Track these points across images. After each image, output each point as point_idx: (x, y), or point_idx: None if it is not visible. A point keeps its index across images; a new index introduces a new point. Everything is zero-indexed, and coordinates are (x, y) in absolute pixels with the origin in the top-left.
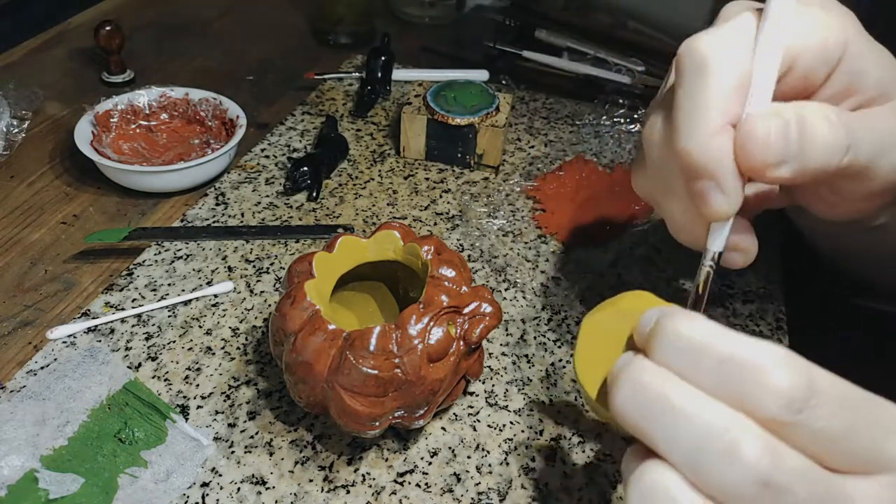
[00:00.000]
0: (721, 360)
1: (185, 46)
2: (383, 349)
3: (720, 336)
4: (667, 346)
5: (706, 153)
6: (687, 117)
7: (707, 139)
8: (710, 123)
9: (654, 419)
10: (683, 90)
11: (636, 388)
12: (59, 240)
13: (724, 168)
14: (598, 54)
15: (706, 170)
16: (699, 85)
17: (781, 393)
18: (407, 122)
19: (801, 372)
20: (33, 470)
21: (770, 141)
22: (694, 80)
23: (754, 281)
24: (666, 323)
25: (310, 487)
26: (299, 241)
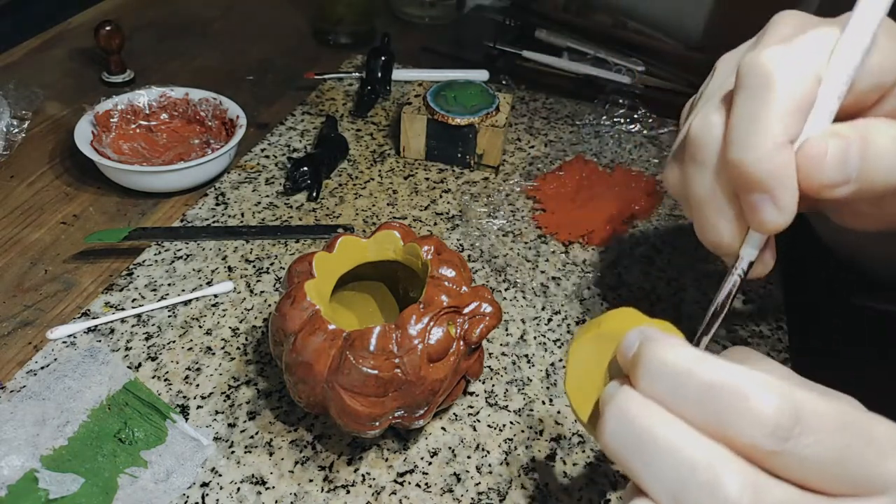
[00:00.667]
0: (704, 387)
1: (185, 46)
2: (383, 349)
3: (702, 362)
4: (650, 374)
5: (766, 168)
6: (748, 129)
7: (768, 154)
8: (772, 139)
9: (638, 454)
10: (745, 101)
11: (621, 421)
12: (59, 240)
13: (783, 184)
14: (598, 54)
15: (764, 184)
16: (762, 100)
17: (765, 421)
18: (407, 122)
19: (785, 397)
20: (33, 470)
21: (833, 162)
22: (757, 93)
23: (754, 281)
24: (648, 350)
25: (310, 487)
26: (299, 241)
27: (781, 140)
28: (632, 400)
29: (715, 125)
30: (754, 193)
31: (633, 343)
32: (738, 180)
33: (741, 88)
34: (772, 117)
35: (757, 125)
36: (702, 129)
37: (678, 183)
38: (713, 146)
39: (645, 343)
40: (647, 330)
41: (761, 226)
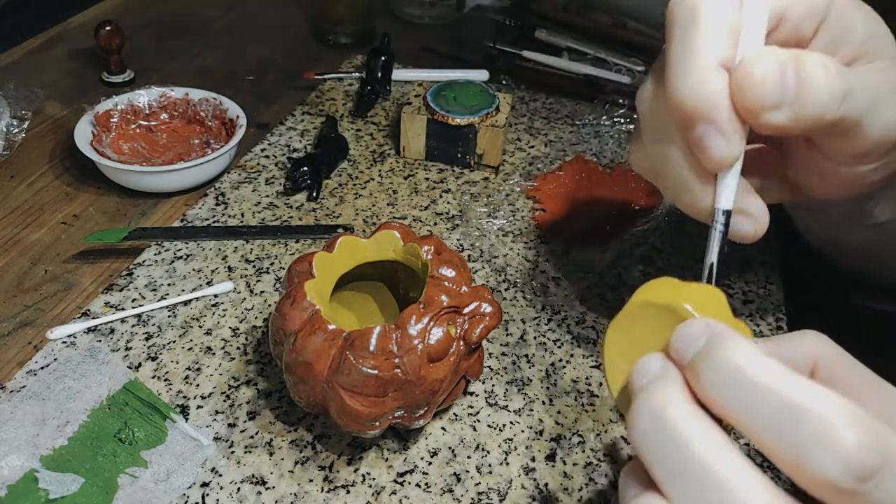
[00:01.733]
0: (784, 406)
1: (185, 46)
2: (383, 349)
3: (785, 378)
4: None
5: (700, 94)
6: (678, 64)
7: (700, 81)
8: (701, 64)
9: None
10: (674, 41)
11: (656, 422)
12: (59, 240)
13: (721, 109)
14: (598, 54)
15: (701, 112)
16: (690, 33)
17: (848, 456)
18: (407, 122)
19: (874, 434)
20: (33, 470)
21: (768, 81)
22: (684, 29)
23: (754, 281)
24: (722, 351)
25: (310, 487)
26: (299, 241)
27: (711, 63)
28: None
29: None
30: (697, 127)
31: (697, 337)
32: (679, 119)
33: (671, 27)
34: (700, 42)
35: (686, 55)
36: (642, 89)
37: (642, 159)
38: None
39: (716, 341)
40: (715, 325)
41: (712, 160)
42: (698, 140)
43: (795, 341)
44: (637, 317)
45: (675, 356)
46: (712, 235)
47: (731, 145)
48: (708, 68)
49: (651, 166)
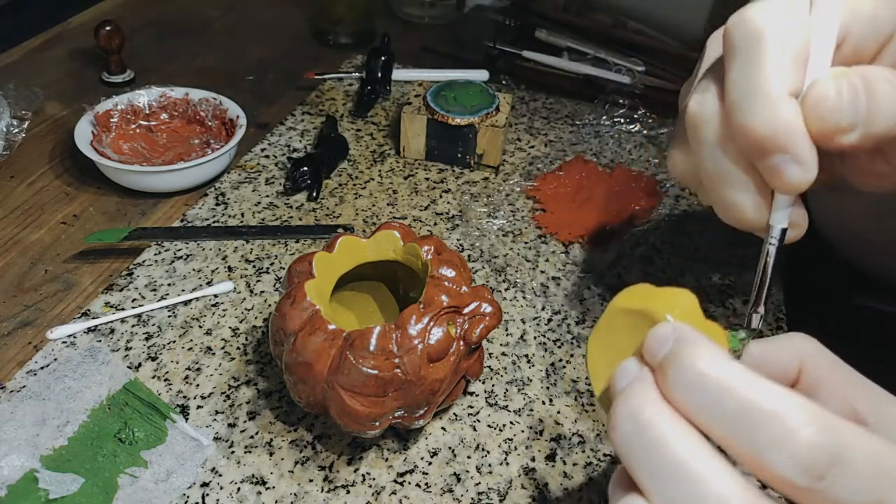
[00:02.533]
0: (742, 406)
1: (185, 46)
2: (383, 349)
3: (744, 380)
4: (683, 383)
5: (774, 125)
6: (748, 92)
7: (773, 111)
8: (773, 94)
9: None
10: (738, 63)
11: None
12: (59, 240)
13: (797, 137)
14: (598, 54)
15: (777, 142)
16: (756, 57)
17: (803, 454)
18: (407, 122)
19: (829, 431)
20: (33, 470)
21: (843, 105)
22: (749, 52)
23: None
24: (685, 355)
25: (310, 487)
26: (299, 241)
27: (783, 92)
28: (649, 403)
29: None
30: (772, 155)
31: (665, 339)
32: (749, 146)
33: (731, 51)
34: (768, 71)
35: (755, 83)
36: (699, 104)
37: (686, 168)
38: (715, 119)
39: (681, 346)
40: (682, 329)
41: (787, 187)
42: (773, 168)
43: (782, 343)
44: (615, 322)
45: (648, 359)
46: (765, 251)
47: (806, 172)
48: (780, 99)
49: (697, 178)
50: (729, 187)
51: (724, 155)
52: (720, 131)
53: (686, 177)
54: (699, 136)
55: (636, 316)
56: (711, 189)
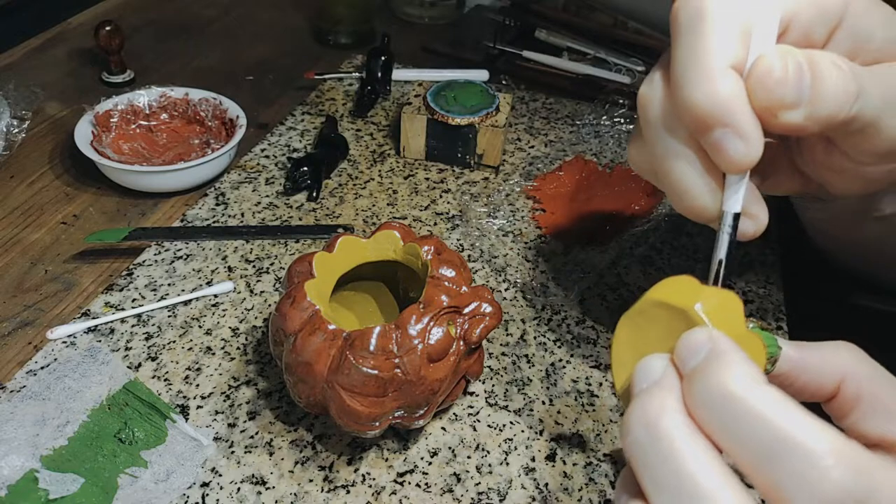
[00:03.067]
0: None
1: (185, 46)
2: (383, 349)
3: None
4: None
5: (716, 98)
6: (689, 66)
7: (714, 84)
8: (713, 66)
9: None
10: (682, 41)
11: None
12: (59, 240)
13: (739, 111)
14: (598, 54)
15: (719, 116)
16: (699, 33)
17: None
18: (407, 122)
19: (860, 474)
20: (33, 470)
21: (788, 78)
22: (692, 29)
23: (754, 281)
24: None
25: (310, 487)
26: (299, 241)
27: (723, 64)
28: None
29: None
30: (714, 130)
31: (697, 349)
32: (693, 123)
33: (676, 31)
34: (709, 44)
35: (696, 57)
36: (647, 87)
37: (641, 158)
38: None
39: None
40: (718, 340)
41: (732, 163)
42: (715, 144)
43: (825, 352)
44: (649, 314)
45: (678, 363)
46: (720, 238)
47: (750, 147)
48: (721, 70)
49: (652, 167)
50: (678, 169)
51: (671, 134)
52: (666, 110)
53: (643, 167)
54: (648, 119)
55: (673, 312)
56: (663, 175)
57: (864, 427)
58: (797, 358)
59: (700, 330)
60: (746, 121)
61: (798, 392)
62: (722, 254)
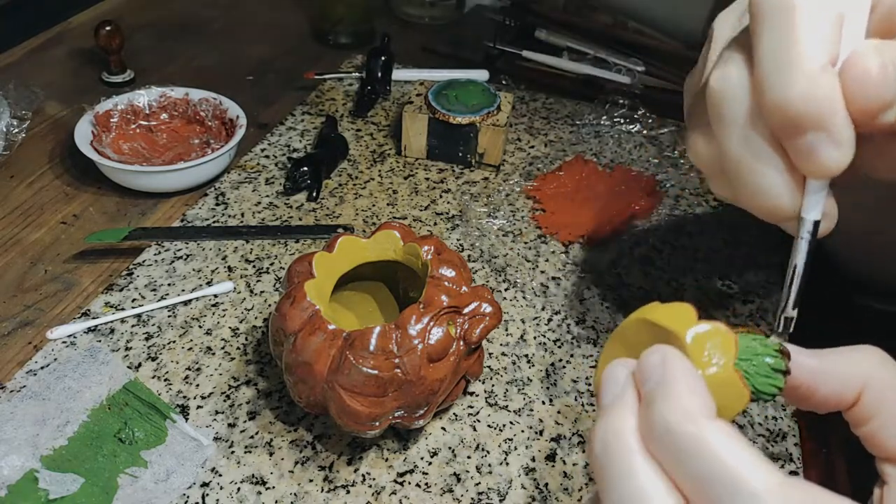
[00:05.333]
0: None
1: (185, 46)
2: (383, 349)
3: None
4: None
5: (811, 99)
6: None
7: (812, 82)
8: (812, 63)
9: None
10: (770, 32)
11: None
12: (59, 240)
13: (836, 115)
14: (598, 54)
15: (815, 119)
16: (790, 23)
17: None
18: (408, 121)
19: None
20: (33, 470)
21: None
22: (783, 18)
23: (755, 281)
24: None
25: (310, 487)
26: (299, 241)
27: (823, 61)
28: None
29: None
30: (806, 133)
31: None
32: (782, 124)
33: (760, 21)
34: (805, 38)
35: (790, 53)
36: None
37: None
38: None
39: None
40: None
41: (822, 169)
42: (806, 149)
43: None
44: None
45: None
46: (798, 246)
47: (843, 153)
48: (818, 68)
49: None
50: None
51: (753, 134)
52: (748, 108)
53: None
54: (723, 115)
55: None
56: (737, 175)
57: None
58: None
59: (655, 351)
60: (843, 125)
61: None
62: (800, 261)
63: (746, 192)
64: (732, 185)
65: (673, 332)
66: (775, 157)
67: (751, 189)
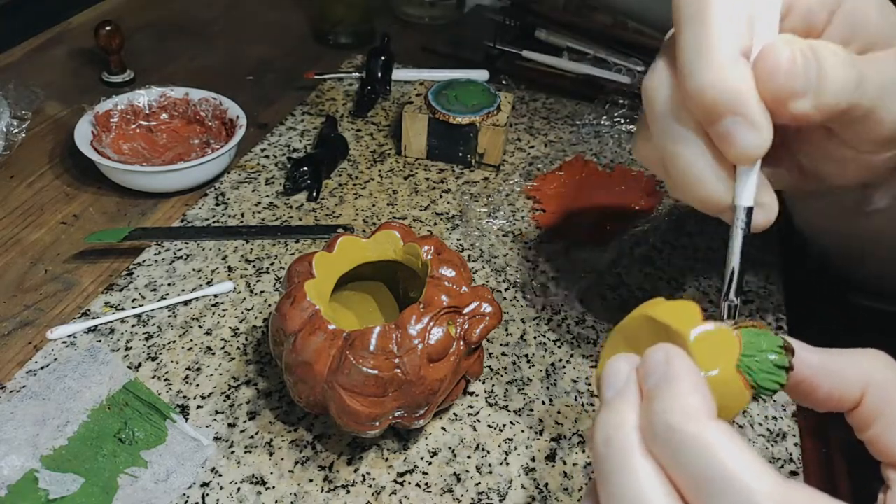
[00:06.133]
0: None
1: (185, 46)
2: (383, 349)
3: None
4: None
5: (726, 84)
6: (697, 53)
7: (723, 71)
8: (721, 53)
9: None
10: (687, 29)
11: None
12: (59, 240)
13: (749, 99)
14: (598, 54)
15: (729, 103)
16: (704, 19)
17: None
18: (408, 121)
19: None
20: (33, 470)
21: (797, 67)
22: (697, 15)
23: (754, 281)
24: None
25: (310, 487)
26: (299, 241)
27: (733, 51)
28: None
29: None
30: (724, 119)
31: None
32: (702, 110)
33: (680, 20)
34: (717, 32)
35: (704, 44)
36: (652, 78)
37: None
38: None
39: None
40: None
41: (742, 152)
42: (725, 133)
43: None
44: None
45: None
46: (734, 233)
47: (760, 136)
48: (730, 57)
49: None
50: (688, 160)
51: (679, 124)
52: (673, 100)
53: (650, 160)
54: (654, 111)
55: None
56: (673, 167)
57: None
58: (818, 363)
59: (660, 349)
60: (757, 109)
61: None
62: (736, 248)
63: (683, 184)
64: (672, 179)
65: (676, 331)
66: (701, 144)
67: (686, 180)
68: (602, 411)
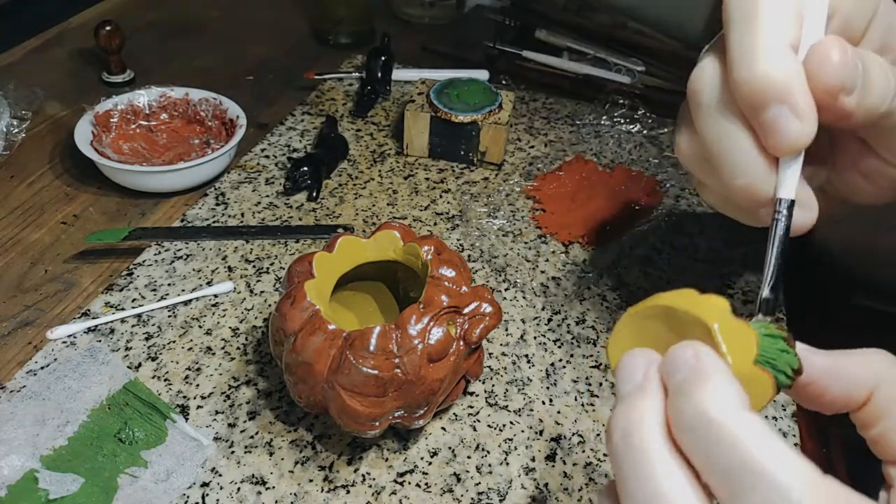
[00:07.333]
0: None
1: (185, 46)
2: (383, 349)
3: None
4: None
5: (776, 73)
6: (747, 46)
7: (774, 60)
8: (771, 44)
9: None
10: (738, 26)
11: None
12: (59, 240)
13: (797, 89)
14: (598, 54)
15: (777, 93)
16: (754, 16)
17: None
18: (410, 120)
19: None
20: (33, 470)
21: (847, 64)
22: (747, 13)
23: (754, 281)
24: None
25: (310, 487)
26: (299, 241)
27: (784, 44)
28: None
29: (711, 63)
30: (770, 107)
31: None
32: (750, 100)
33: (730, 19)
34: (768, 25)
35: (755, 38)
36: (700, 72)
37: (691, 147)
38: (714, 82)
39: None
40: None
41: (785, 141)
42: (771, 122)
43: (857, 359)
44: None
45: (664, 375)
46: (774, 227)
47: (805, 126)
48: (780, 49)
49: (700, 156)
50: (732, 148)
51: (725, 116)
52: (720, 92)
53: (691, 157)
54: (700, 103)
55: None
56: (714, 157)
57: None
58: (825, 365)
59: (687, 345)
60: (804, 99)
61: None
62: (776, 241)
63: (724, 175)
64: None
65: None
66: (747, 136)
67: (727, 170)
68: (619, 406)
